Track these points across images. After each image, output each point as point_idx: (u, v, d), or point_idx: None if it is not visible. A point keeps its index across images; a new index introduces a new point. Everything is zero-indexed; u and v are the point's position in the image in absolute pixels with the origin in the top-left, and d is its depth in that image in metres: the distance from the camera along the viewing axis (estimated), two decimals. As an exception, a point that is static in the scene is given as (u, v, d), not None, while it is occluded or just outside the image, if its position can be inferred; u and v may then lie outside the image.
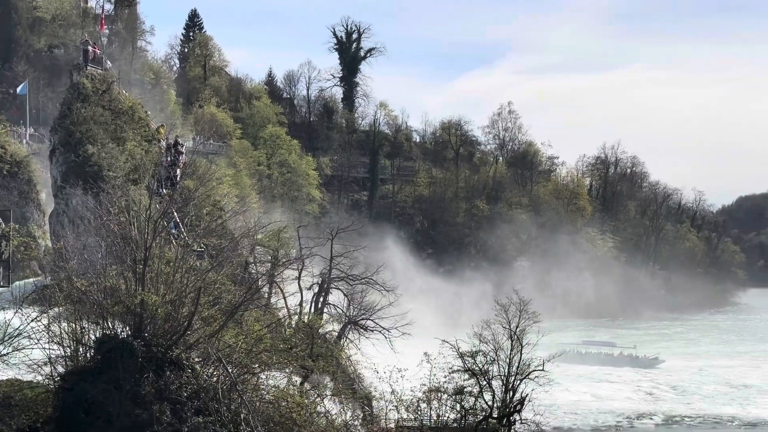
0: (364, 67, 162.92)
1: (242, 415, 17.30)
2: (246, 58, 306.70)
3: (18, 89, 75.14)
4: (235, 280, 24.74)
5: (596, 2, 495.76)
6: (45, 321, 20.12)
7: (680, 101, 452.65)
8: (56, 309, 20.26)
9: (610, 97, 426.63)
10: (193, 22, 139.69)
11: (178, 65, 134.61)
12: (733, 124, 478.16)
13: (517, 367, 22.24)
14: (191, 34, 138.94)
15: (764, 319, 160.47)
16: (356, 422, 21.79)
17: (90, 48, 56.87)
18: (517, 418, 22.52)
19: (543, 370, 22.79)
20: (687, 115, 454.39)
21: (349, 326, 27.56)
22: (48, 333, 19.85)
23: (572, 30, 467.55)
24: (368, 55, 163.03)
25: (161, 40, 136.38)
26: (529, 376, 22.74)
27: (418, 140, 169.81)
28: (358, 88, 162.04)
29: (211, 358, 18.32)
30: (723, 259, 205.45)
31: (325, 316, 28.25)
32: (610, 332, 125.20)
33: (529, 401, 22.80)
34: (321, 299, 29.04)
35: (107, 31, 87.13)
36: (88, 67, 51.90)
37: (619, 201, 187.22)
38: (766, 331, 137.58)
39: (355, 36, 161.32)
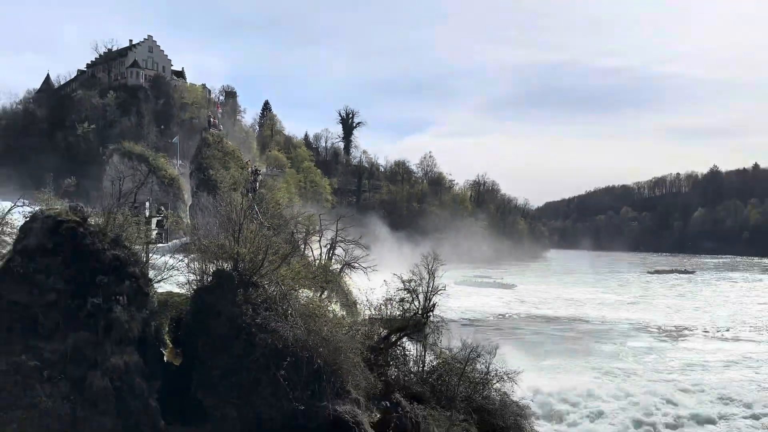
0: (355, 131, 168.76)
1: (289, 311, 17.61)
2: (293, 126, 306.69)
3: (173, 140, 75.79)
4: (287, 241, 25.04)
5: (480, 97, 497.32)
6: (186, 261, 20.48)
7: (516, 152, 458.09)
8: (192, 255, 20.54)
9: (482, 149, 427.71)
10: (266, 106, 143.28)
11: (258, 129, 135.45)
12: (547, 164, 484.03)
13: (431, 287, 22.56)
14: (264, 112, 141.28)
15: (559, 263, 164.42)
16: (347, 315, 22.13)
17: (211, 119, 57.35)
18: (431, 314, 22.85)
19: (444, 290, 23.07)
20: (522, 159, 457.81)
21: (344, 266, 27.89)
22: (188, 267, 20.21)
23: (465, 113, 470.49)
24: (357, 125, 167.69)
25: (250, 115, 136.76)
26: (438, 293, 23.07)
27: (383, 170, 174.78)
28: (352, 142, 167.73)
29: (273, 282, 18.65)
30: (537, 234, 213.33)
31: (333, 261, 28.56)
32: (488, 271, 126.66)
33: (438, 305, 23.19)
34: (331, 252, 29.32)
35: (221, 110, 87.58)
36: (210, 130, 52.61)
37: (485, 203, 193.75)
38: (561, 269, 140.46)
39: (350, 114, 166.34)
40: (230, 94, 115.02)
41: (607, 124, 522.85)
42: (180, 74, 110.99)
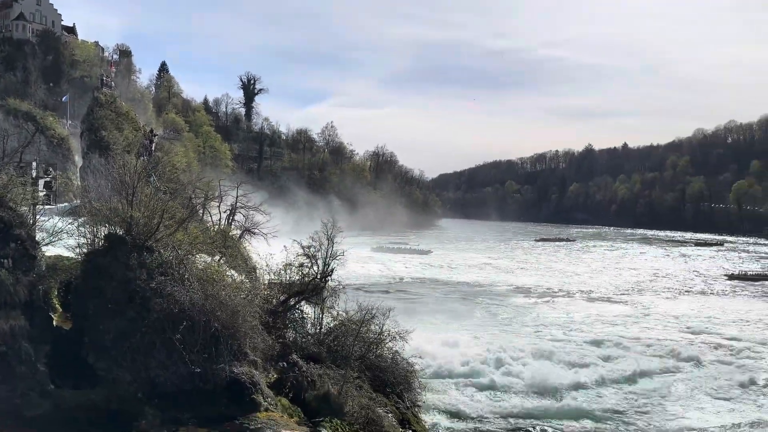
0: (257, 98, 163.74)
1: (186, 275, 17.07)
2: (192, 89, 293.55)
3: (63, 99, 70.61)
4: (184, 206, 24.08)
5: (380, 71, 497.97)
6: (76, 224, 19.22)
7: (413, 125, 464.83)
8: (82, 218, 19.34)
9: (382, 121, 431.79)
10: (163, 67, 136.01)
11: (154, 90, 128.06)
12: (441, 138, 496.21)
13: (330, 253, 22.57)
14: (161, 73, 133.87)
15: (451, 231, 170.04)
16: (247, 280, 21.74)
17: (104, 78, 53.62)
18: (329, 279, 22.90)
19: (343, 255, 23.16)
20: (419, 132, 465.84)
21: (245, 232, 27.30)
22: (78, 231, 18.99)
23: (363, 85, 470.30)
24: (259, 92, 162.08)
25: (145, 76, 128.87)
26: (336, 258, 23.12)
27: (284, 138, 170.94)
28: (253, 109, 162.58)
29: (169, 246, 17.95)
30: (431, 204, 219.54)
31: (232, 227, 27.86)
32: (391, 238, 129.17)
33: (335, 270, 23.25)
34: (231, 218, 28.57)
35: (114, 69, 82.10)
36: (103, 89, 49.30)
37: (384, 174, 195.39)
38: (453, 237, 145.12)
39: (252, 81, 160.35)
40: (125, 53, 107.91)
41: (496, 103, 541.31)
42: (71, 30, 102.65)
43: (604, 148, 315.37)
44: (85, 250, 18.15)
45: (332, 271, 23.08)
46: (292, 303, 21.94)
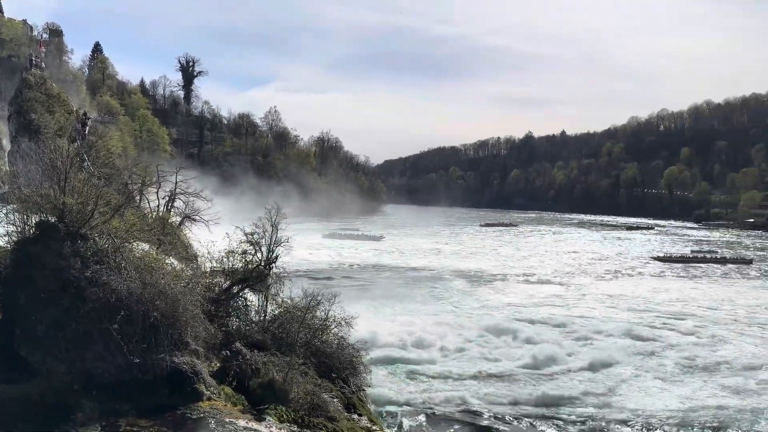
0: (196, 81, 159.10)
1: (122, 264, 16.56)
2: (128, 71, 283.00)
3: (-13, 80, 66.82)
4: (120, 192, 23.28)
5: (324, 55, 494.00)
6: (5, 211, 18.29)
7: (358, 111, 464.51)
8: (11, 206, 18.41)
9: (327, 106, 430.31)
10: (97, 47, 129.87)
11: (87, 72, 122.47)
12: (387, 124, 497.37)
13: (274, 239, 22.31)
14: (95, 54, 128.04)
15: (397, 217, 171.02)
16: (187, 268, 21.26)
17: (33, 58, 51.06)
18: (274, 265, 22.67)
19: (287, 241, 22.93)
20: (366, 120, 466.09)
21: (185, 219, 26.61)
22: (6, 218, 18.08)
23: (308, 70, 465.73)
24: (198, 74, 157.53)
25: (78, 57, 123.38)
26: (281, 244, 22.86)
27: (226, 122, 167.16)
28: (193, 92, 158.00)
29: (105, 234, 17.35)
30: (376, 190, 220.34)
31: (172, 214, 27.09)
32: (341, 224, 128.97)
33: (280, 257, 23.01)
34: (170, 204, 27.77)
35: (44, 49, 78.03)
36: (32, 70, 46.89)
37: (329, 160, 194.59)
38: (400, 223, 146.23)
39: (191, 62, 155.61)
40: (55, 33, 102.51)
41: (441, 89, 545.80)
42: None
43: (544, 136, 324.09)
44: (15, 239, 17.30)
45: (277, 257, 22.83)
46: (235, 291, 21.61)
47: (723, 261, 79.12)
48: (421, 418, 22.57)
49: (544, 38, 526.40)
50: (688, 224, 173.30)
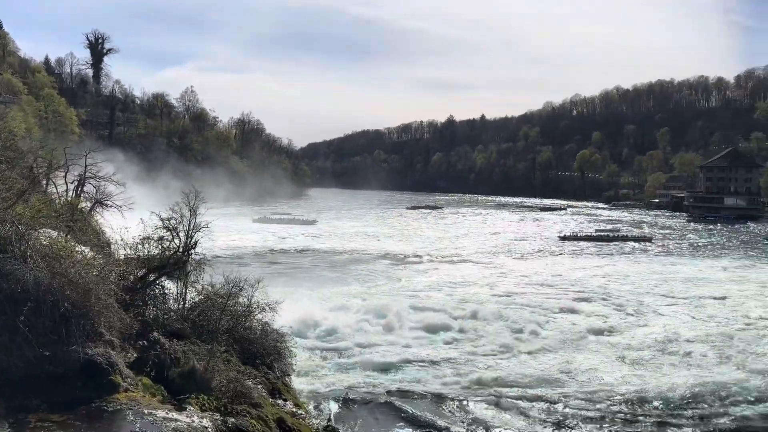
0: (106, 59, 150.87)
1: (28, 252, 15.61)
2: (30, 48, 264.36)
3: None
4: (24, 176, 21.87)
5: (243, 34, 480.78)
6: None
7: (280, 93, 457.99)
8: None
9: (247, 87, 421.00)
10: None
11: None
12: (310, 106, 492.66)
13: (193, 225, 21.66)
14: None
15: (322, 201, 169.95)
16: (99, 256, 20.30)
17: None
18: (193, 251, 22.03)
19: (207, 227, 22.32)
20: (289, 102, 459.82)
21: (96, 204, 25.35)
22: None
23: (226, 48, 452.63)
24: (108, 52, 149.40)
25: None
26: (200, 230, 22.22)
27: (139, 103, 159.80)
28: (102, 70, 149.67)
29: (8, 221, 16.27)
30: (300, 174, 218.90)
31: (81, 199, 25.71)
32: (263, 208, 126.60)
33: (201, 243, 22.39)
34: (80, 189, 26.34)
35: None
36: None
37: (250, 143, 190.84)
38: (326, 206, 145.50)
39: (100, 39, 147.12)
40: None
41: (365, 72, 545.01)
42: None
43: (465, 120, 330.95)
44: None
45: (196, 243, 22.20)
46: (152, 279, 20.88)
47: (625, 239, 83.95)
48: (345, 401, 22.78)
49: (463, 23, 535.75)
50: (599, 205, 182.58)
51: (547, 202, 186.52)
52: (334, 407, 21.62)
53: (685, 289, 47.03)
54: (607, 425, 21.55)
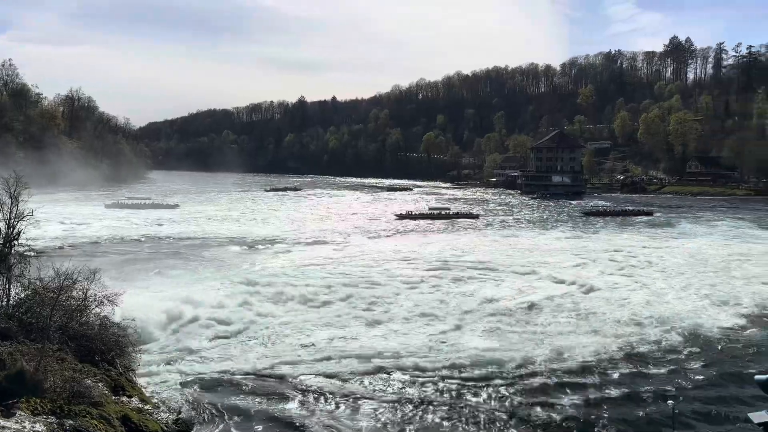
0: None
1: None
2: None
3: None
4: None
5: (69, 3, 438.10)
6: None
7: (115, 68, 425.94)
8: None
9: (75, 61, 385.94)
10: None
11: None
12: (149, 83, 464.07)
13: (15, 213, 19.74)
14: None
15: (165, 184, 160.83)
16: None
17: None
18: (17, 243, 20.15)
19: (32, 215, 20.44)
20: (126, 78, 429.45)
21: None
22: None
23: (51, 18, 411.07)
24: None
25: None
26: (24, 219, 20.35)
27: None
28: None
29: None
30: (139, 155, 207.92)
31: None
32: (99, 193, 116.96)
33: (24, 233, 20.51)
34: None
35: None
36: None
37: (81, 121, 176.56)
38: (169, 190, 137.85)
39: None
40: None
41: (211, 49, 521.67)
42: None
43: (316, 101, 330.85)
44: None
45: (19, 234, 20.26)
46: (-33, 275, 18.72)
47: (456, 216, 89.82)
48: (196, 392, 22.17)
49: (312, 2, 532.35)
50: (444, 184, 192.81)
51: (397, 182, 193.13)
52: (184, 399, 20.94)
53: (514, 260, 51.30)
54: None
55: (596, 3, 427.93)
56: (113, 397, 17.78)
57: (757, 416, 7.79)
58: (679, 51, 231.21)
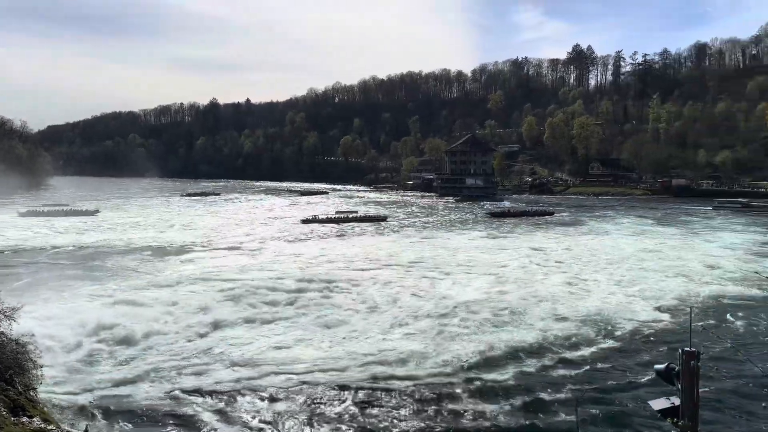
0: None
1: None
2: None
3: None
4: None
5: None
6: None
7: (14, 71, 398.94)
8: None
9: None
10: None
11: None
12: (48, 84, 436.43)
13: None
14: None
15: (68, 190, 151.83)
16: None
17: None
18: None
19: None
20: (21, 78, 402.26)
21: None
22: None
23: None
24: None
25: None
26: None
27: None
28: None
29: None
30: (38, 160, 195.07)
31: None
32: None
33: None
34: None
35: None
36: None
37: None
38: (73, 195, 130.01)
39: None
40: None
41: (115, 48, 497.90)
42: None
43: (230, 103, 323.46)
44: None
45: None
46: None
47: (363, 219, 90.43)
48: (102, 409, 21.15)
49: (223, 2, 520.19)
50: (362, 187, 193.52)
51: (315, 186, 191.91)
52: (89, 417, 19.92)
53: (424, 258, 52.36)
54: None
55: (504, 11, 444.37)
56: (12, 418, 16.66)
57: (656, 403, 8.45)
58: (581, 58, 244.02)
